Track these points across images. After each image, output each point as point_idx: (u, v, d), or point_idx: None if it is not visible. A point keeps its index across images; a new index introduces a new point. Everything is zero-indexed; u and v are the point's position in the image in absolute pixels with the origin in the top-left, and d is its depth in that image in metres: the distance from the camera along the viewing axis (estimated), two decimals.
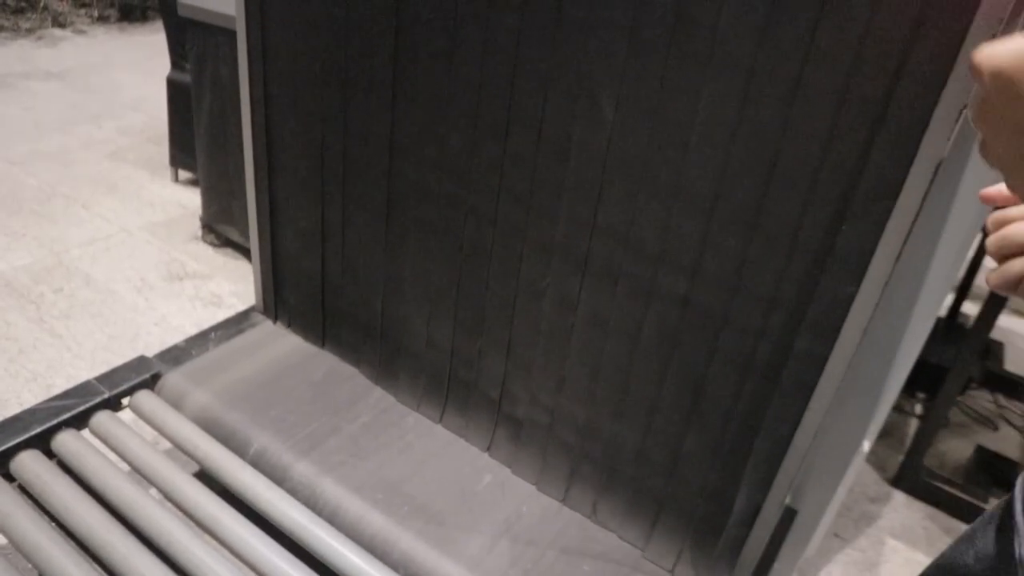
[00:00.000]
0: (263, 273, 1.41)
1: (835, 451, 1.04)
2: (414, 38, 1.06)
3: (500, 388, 1.17)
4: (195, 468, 1.18)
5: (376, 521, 1.06)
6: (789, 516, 1.08)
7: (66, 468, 1.13)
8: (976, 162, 0.80)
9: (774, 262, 0.90)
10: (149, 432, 1.21)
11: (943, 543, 1.57)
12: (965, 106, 0.76)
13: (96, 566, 0.98)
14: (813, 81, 0.82)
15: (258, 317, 1.44)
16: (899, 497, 1.74)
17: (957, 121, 0.76)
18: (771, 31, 0.82)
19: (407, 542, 1.04)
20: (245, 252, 2.52)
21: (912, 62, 0.77)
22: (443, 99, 1.07)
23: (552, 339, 1.10)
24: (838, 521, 1.62)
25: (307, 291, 1.37)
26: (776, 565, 1.08)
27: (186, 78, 2.38)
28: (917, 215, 0.81)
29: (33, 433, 1.13)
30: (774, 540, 1.04)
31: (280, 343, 1.38)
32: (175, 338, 2.02)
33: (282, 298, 1.42)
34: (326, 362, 1.33)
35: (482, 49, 1.01)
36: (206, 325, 1.42)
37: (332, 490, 1.10)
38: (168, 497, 1.11)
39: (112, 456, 1.15)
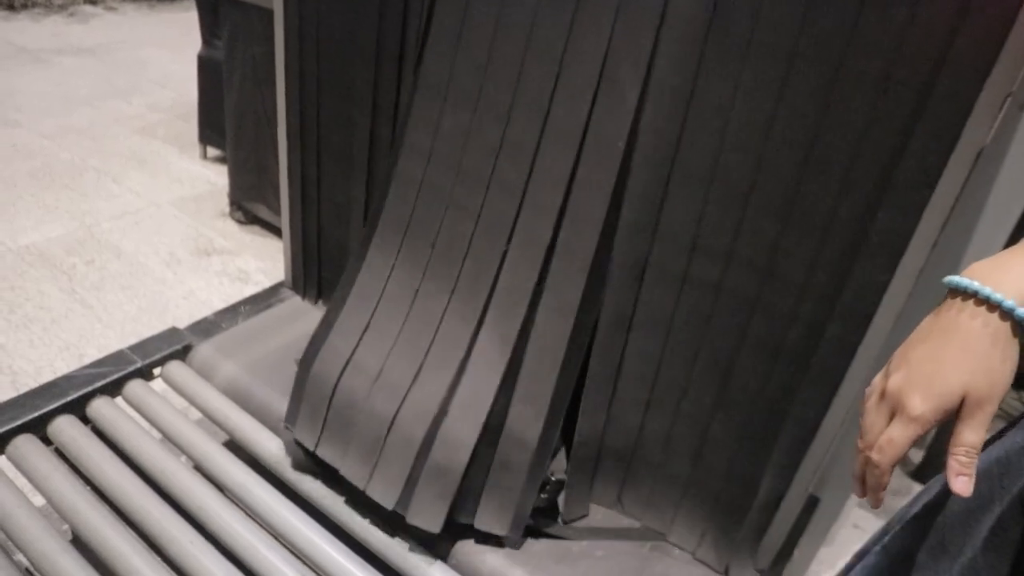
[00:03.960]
0: (293, 248, 1.43)
1: None
2: (438, 14, 1.07)
3: None
4: (224, 438, 1.20)
5: None
6: (812, 504, 1.08)
7: (100, 434, 1.15)
8: (1017, 150, 0.79)
9: (808, 248, 0.90)
10: (179, 402, 1.23)
11: None
12: (1009, 94, 0.76)
13: (129, 529, 1.00)
14: (854, 67, 0.82)
15: (287, 292, 1.46)
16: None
17: (1000, 109, 0.76)
18: (813, 15, 0.82)
19: None
20: (272, 229, 2.55)
21: (956, 49, 0.76)
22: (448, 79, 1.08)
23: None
24: (858, 512, 1.62)
25: (337, 266, 1.39)
26: (797, 552, 1.08)
27: (217, 55, 2.40)
28: (955, 203, 0.81)
29: (70, 399, 1.16)
30: (796, 527, 1.05)
31: (309, 318, 1.39)
32: (203, 312, 2.04)
33: (311, 273, 1.43)
34: None
35: (494, 25, 1.01)
36: (233, 300, 1.44)
37: None
38: (198, 465, 1.13)
39: (144, 424, 1.17)
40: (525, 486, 1.02)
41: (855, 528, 1.57)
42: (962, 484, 0.53)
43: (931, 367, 0.54)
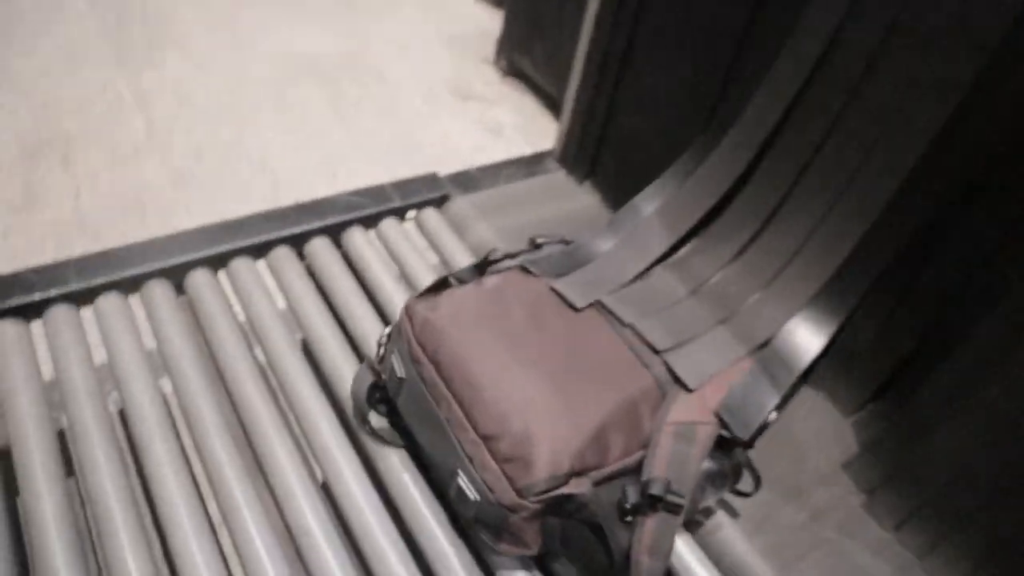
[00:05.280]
0: (572, 123, 1.32)
1: None
2: None
3: None
4: None
5: None
6: None
7: (349, 262, 1.15)
8: None
9: None
10: (422, 245, 1.20)
11: None
12: None
13: (352, 351, 1.00)
14: None
15: (553, 165, 1.37)
16: None
17: None
18: None
19: None
20: (533, 86, 2.45)
21: None
22: None
23: None
24: None
25: (620, 155, 1.27)
26: None
27: None
28: None
29: (328, 223, 1.16)
30: None
31: (573, 197, 1.30)
32: (452, 157, 2.02)
33: (585, 153, 1.32)
34: None
35: None
36: (485, 151, 1.37)
37: None
38: None
39: (392, 267, 1.15)
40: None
41: None
42: None
43: None
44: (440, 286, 0.90)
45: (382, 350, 0.88)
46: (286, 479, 0.86)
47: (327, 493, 0.89)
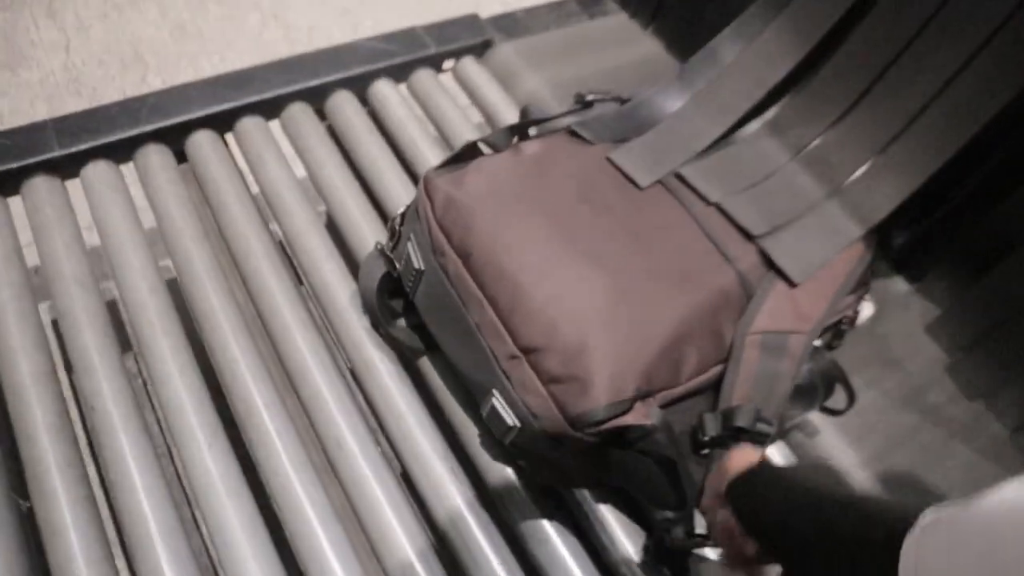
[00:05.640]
0: None
1: None
2: None
3: None
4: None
5: None
6: None
7: (377, 120, 0.98)
8: None
9: None
10: (464, 101, 1.02)
11: None
12: None
13: (384, 226, 0.86)
14: None
15: (613, 6, 1.16)
16: None
17: None
18: None
19: None
20: None
21: None
22: None
23: None
24: None
25: None
26: None
27: None
28: None
29: (352, 74, 0.98)
30: None
31: (634, 43, 1.10)
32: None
33: None
34: None
35: None
36: None
37: None
38: None
39: (429, 127, 0.98)
40: None
41: None
42: None
43: None
44: (467, 154, 0.72)
45: (397, 234, 0.72)
46: (310, 377, 0.73)
47: (359, 389, 0.76)
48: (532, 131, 0.81)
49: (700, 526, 0.61)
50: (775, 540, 0.47)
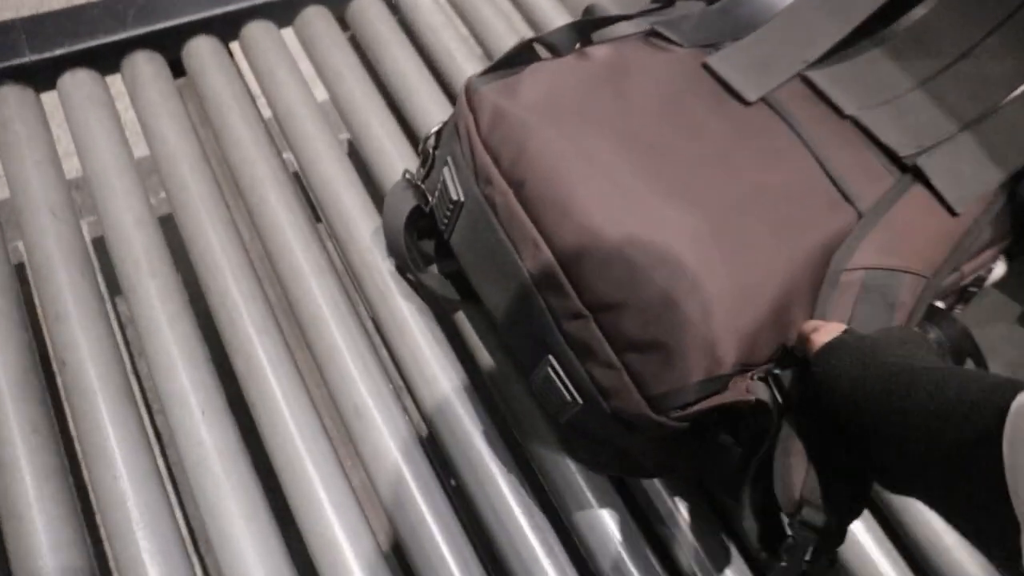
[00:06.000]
0: None
1: None
2: None
3: None
4: None
5: None
6: None
7: (407, 29, 0.83)
8: None
9: None
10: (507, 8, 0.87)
11: None
12: None
13: (410, 142, 0.72)
14: None
15: None
16: None
17: None
18: None
19: None
20: None
21: None
22: None
23: None
24: None
25: None
26: None
27: None
28: None
29: None
30: None
31: None
32: None
33: None
34: None
35: None
36: None
37: None
38: None
39: (471, 40, 0.84)
40: None
41: None
42: None
43: None
44: (520, 57, 0.57)
45: (429, 159, 0.58)
46: (325, 330, 0.61)
47: (384, 346, 0.64)
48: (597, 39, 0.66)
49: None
50: (862, 414, 0.39)
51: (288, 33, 0.81)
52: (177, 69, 0.76)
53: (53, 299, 0.59)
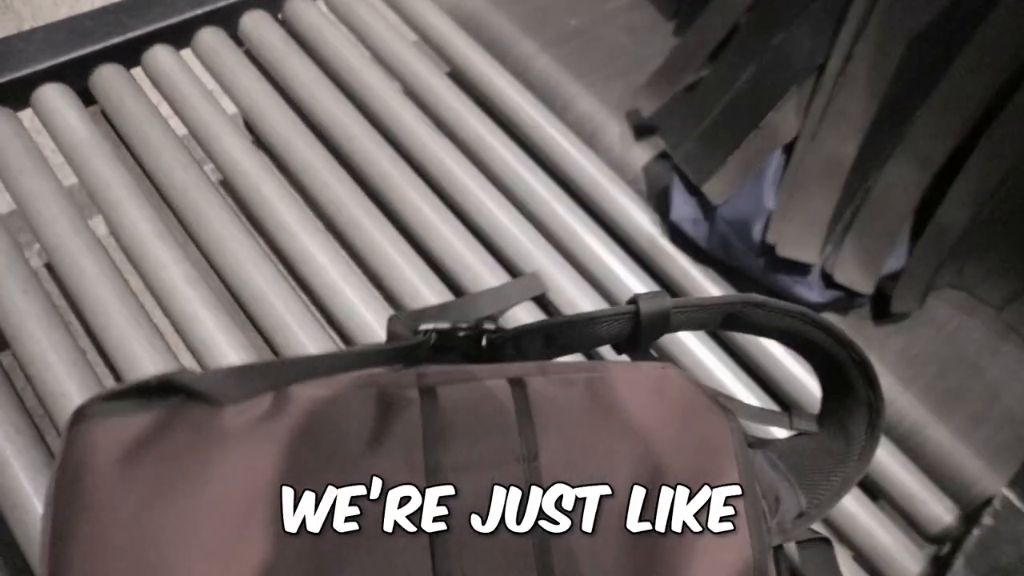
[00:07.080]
0: None
1: None
2: None
3: None
4: (447, 69, 0.95)
5: None
6: None
7: (301, 41, 0.90)
8: None
9: None
10: (393, 18, 0.95)
11: None
12: None
13: (327, 151, 0.80)
14: None
15: None
16: None
17: None
18: None
19: None
20: None
21: None
22: None
23: None
24: None
25: None
26: None
27: None
28: None
29: None
30: None
31: None
32: None
33: None
34: None
35: None
36: None
37: None
38: (410, 91, 0.89)
39: (352, 40, 0.91)
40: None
41: None
42: None
43: None
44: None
45: None
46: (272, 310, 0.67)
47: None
48: None
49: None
50: None
51: (187, 54, 0.86)
52: (87, 98, 0.80)
53: (9, 319, 0.63)
